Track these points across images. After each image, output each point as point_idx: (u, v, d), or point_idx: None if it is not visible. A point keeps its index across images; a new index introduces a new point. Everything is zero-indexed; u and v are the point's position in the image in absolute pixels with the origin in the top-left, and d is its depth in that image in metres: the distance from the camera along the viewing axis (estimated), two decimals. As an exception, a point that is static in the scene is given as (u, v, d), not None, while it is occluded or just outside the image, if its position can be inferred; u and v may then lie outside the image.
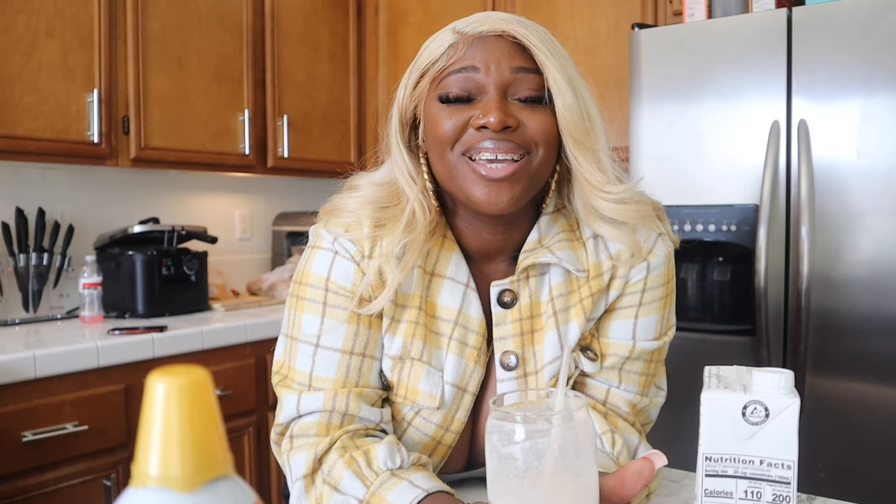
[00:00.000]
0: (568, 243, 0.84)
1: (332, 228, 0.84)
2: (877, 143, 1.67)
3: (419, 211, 0.80)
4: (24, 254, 2.20)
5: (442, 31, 0.80)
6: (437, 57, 0.78)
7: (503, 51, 0.76)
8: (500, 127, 0.73)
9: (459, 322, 0.83)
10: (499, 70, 0.75)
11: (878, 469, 1.67)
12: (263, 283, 2.70)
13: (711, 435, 0.57)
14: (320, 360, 0.81)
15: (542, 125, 0.76)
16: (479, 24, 0.76)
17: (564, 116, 0.76)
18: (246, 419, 2.14)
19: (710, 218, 1.88)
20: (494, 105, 0.74)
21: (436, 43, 0.79)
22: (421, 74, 0.80)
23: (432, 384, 0.82)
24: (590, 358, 0.85)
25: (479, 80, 0.75)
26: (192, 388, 0.29)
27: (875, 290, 1.67)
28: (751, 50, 1.81)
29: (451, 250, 0.84)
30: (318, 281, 0.83)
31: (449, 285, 0.83)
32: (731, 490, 0.57)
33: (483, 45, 0.76)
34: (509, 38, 0.76)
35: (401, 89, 0.83)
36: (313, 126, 2.77)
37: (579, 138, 0.77)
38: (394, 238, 0.80)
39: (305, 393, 0.80)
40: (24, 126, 1.94)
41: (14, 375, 1.64)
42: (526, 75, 0.75)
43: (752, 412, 0.56)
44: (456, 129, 0.76)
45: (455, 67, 0.76)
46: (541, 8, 2.53)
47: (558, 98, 0.75)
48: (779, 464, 0.56)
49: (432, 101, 0.79)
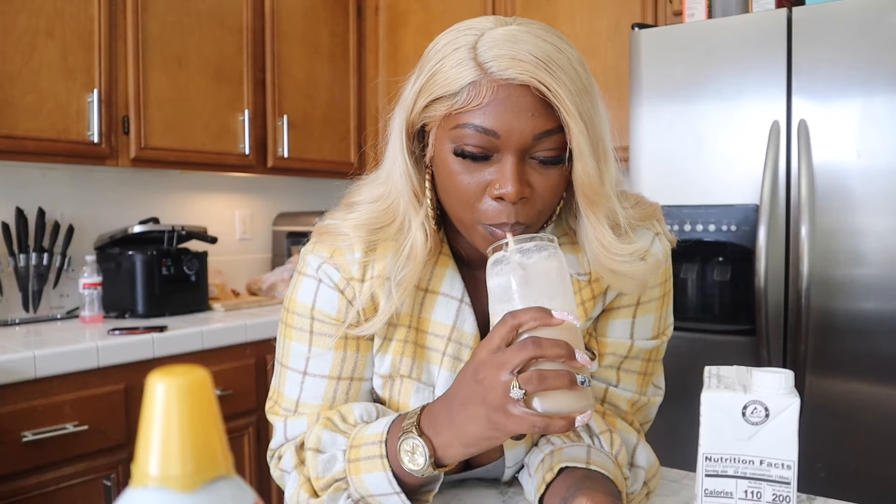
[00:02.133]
0: (569, 247, 0.84)
1: (319, 252, 0.83)
2: (877, 143, 1.67)
3: (420, 241, 0.78)
4: (24, 254, 2.20)
5: (462, 45, 0.73)
6: (456, 90, 0.72)
7: (527, 110, 0.70)
8: (516, 199, 0.71)
9: (453, 338, 0.82)
10: (521, 136, 0.71)
11: (878, 469, 1.67)
12: (263, 283, 2.70)
13: (711, 435, 0.57)
14: (308, 386, 0.83)
15: (555, 188, 0.74)
16: (505, 66, 0.70)
17: (582, 180, 0.73)
18: (246, 419, 2.14)
19: (710, 218, 1.88)
20: (512, 176, 0.71)
21: (453, 69, 0.72)
22: (433, 99, 0.75)
23: (422, 400, 0.82)
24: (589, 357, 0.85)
25: (497, 144, 0.72)
26: (192, 388, 0.29)
27: (875, 289, 1.67)
28: (751, 50, 1.81)
29: (446, 265, 0.83)
30: (304, 309, 0.83)
31: (443, 301, 0.83)
32: (731, 490, 0.57)
33: (506, 100, 0.70)
34: (535, 92, 0.70)
35: (407, 100, 0.78)
36: (313, 126, 2.77)
37: (593, 199, 0.75)
38: (387, 263, 0.79)
39: (291, 418, 0.82)
40: (24, 126, 1.94)
41: (14, 375, 1.64)
42: (548, 139, 0.72)
43: (752, 412, 0.56)
44: (474, 192, 0.74)
45: (475, 122, 0.71)
46: (541, 8, 2.53)
47: (578, 162, 0.72)
48: (779, 464, 0.56)
49: (447, 146, 0.75)
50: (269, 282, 2.68)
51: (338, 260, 0.82)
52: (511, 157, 0.72)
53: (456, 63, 0.73)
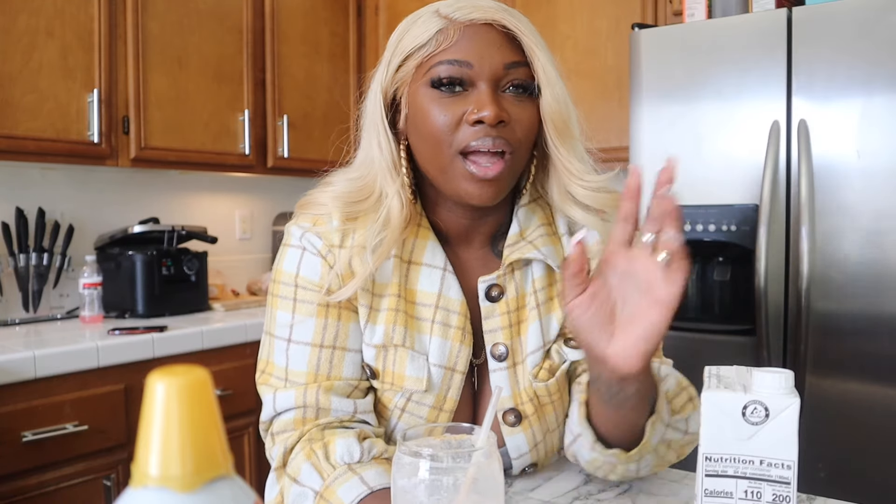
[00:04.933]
0: (548, 238, 0.87)
1: (301, 223, 0.86)
2: (877, 143, 1.67)
3: (396, 208, 0.81)
4: (24, 254, 2.20)
5: (424, 12, 0.80)
6: (425, 42, 0.78)
7: (494, 43, 0.76)
8: (495, 121, 0.75)
9: (440, 305, 0.84)
10: (491, 65, 0.76)
11: (878, 469, 1.67)
12: (263, 283, 2.70)
13: (711, 435, 0.57)
14: (293, 353, 0.84)
15: (529, 120, 0.79)
16: (469, 11, 0.76)
17: (551, 107, 0.78)
18: (246, 419, 2.14)
19: (710, 218, 1.88)
20: (488, 99, 0.75)
21: (420, 26, 0.79)
22: (405, 58, 0.80)
23: (417, 368, 0.83)
24: (572, 346, 0.87)
25: (471, 74, 0.76)
26: (192, 388, 0.29)
27: (875, 290, 1.67)
28: (751, 50, 1.81)
29: (427, 237, 0.86)
30: (289, 278, 0.85)
31: (426, 271, 0.85)
32: (731, 490, 0.57)
33: (474, 35, 0.76)
34: (499, 27, 0.76)
35: (381, 71, 0.83)
36: (313, 126, 2.77)
37: (562, 128, 0.79)
38: (367, 231, 0.81)
39: (280, 390, 0.83)
40: (24, 126, 1.94)
41: (14, 375, 1.64)
42: (517, 69, 0.77)
43: (752, 412, 0.56)
44: (451, 124, 0.77)
45: (447, 58, 0.76)
46: (541, 8, 2.53)
47: (546, 88, 0.77)
48: (779, 464, 0.56)
49: (421, 86, 0.79)
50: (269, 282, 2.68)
51: (319, 228, 0.84)
52: (486, 85, 0.76)
53: (422, 23, 0.79)
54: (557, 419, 0.89)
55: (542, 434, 0.88)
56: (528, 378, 0.85)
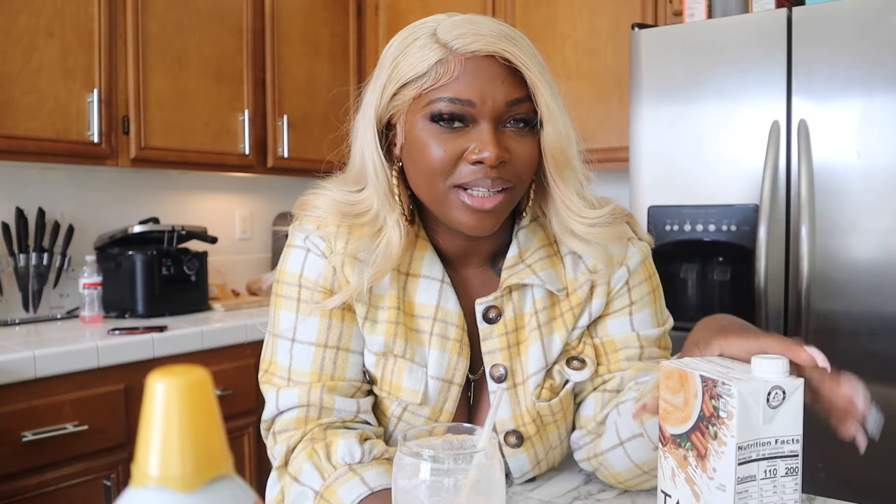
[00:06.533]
0: (548, 260, 0.86)
1: (304, 226, 0.86)
2: (877, 143, 1.67)
3: (396, 239, 0.80)
4: (24, 254, 2.20)
5: (420, 34, 0.76)
6: (423, 72, 0.74)
7: (497, 78, 0.73)
8: (496, 163, 0.73)
9: (438, 317, 0.84)
10: (494, 102, 0.73)
11: (878, 469, 1.67)
12: (263, 283, 2.70)
13: (743, 424, 0.59)
14: (297, 353, 0.84)
15: (530, 156, 0.77)
16: (470, 41, 0.73)
17: (553, 142, 0.76)
18: (246, 419, 2.14)
19: (710, 218, 1.88)
20: (490, 140, 0.73)
21: (417, 53, 0.75)
22: (401, 86, 0.76)
23: (415, 380, 0.83)
24: (574, 368, 0.86)
25: (472, 112, 0.74)
26: (192, 388, 0.29)
27: (875, 290, 1.67)
28: (751, 50, 1.81)
29: (425, 249, 0.85)
30: (292, 278, 0.85)
31: (424, 283, 0.85)
32: (755, 473, 0.60)
33: (476, 70, 0.73)
34: (501, 60, 0.73)
35: (374, 95, 0.80)
36: (313, 126, 2.76)
37: (562, 161, 0.78)
38: (360, 244, 0.81)
39: (283, 389, 0.83)
40: (24, 126, 1.94)
41: (14, 375, 1.64)
42: (520, 105, 0.75)
43: (773, 397, 0.60)
44: (450, 160, 0.75)
45: (448, 94, 0.73)
46: (540, 8, 2.53)
47: (549, 124, 0.75)
48: (789, 439, 0.61)
49: (419, 119, 0.76)
50: (269, 282, 2.68)
51: (323, 231, 0.84)
52: (487, 124, 0.74)
53: (419, 48, 0.75)
54: (560, 437, 0.89)
55: (545, 452, 0.88)
56: (530, 399, 0.85)
